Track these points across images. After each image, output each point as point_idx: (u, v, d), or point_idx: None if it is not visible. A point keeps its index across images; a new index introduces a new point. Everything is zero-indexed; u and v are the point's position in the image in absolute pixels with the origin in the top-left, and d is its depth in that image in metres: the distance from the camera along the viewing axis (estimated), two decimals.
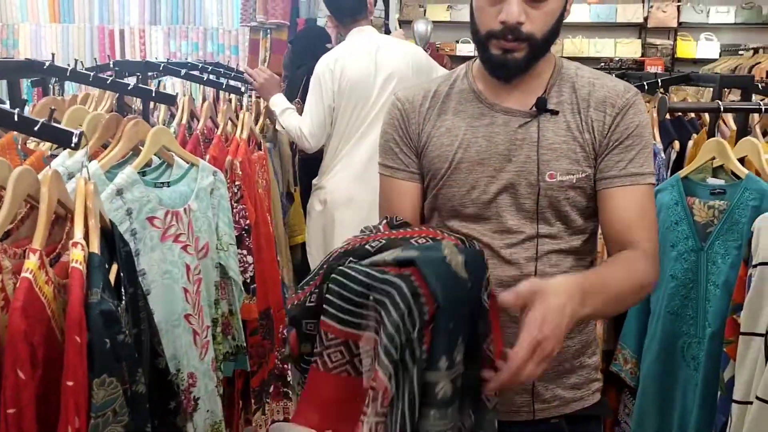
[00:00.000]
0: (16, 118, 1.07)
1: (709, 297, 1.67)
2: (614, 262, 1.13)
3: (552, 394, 1.20)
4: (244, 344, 1.99)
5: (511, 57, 1.13)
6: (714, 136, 1.92)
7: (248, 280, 2.13)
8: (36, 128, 1.08)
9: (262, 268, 2.28)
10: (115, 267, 1.22)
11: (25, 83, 5.62)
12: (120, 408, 0.97)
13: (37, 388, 0.97)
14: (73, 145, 1.07)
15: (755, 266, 1.40)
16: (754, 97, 2.18)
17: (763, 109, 1.71)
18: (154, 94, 1.72)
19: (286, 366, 2.48)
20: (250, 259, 2.16)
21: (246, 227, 2.14)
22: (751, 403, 1.38)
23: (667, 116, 2.46)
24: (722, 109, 1.74)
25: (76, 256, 1.01)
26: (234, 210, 2.11)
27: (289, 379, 2.48)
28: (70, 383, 0.93)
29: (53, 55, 2.56)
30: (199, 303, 1.72)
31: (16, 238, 1.15)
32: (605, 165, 1.15)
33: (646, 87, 2.36)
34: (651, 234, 1.14)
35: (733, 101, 2.27)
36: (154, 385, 1.35)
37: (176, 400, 1.40)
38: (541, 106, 1.16)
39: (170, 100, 1.79)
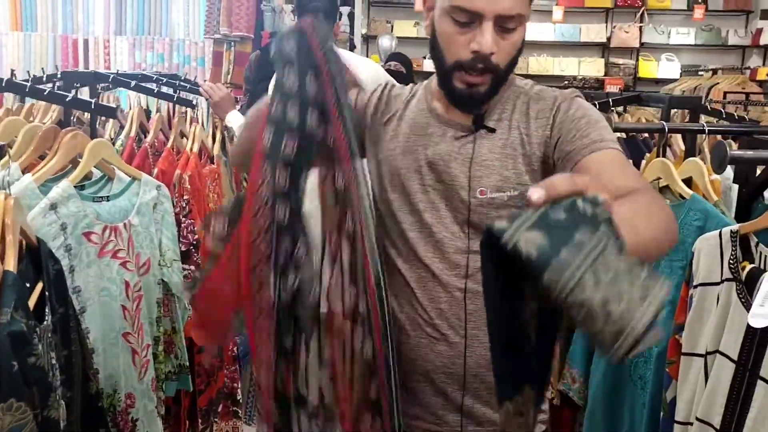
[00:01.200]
0: None
1: None
2: (629, 198, 0.93)
3: (485, 417, 1.18)
4: (187, 363, 1.94)
5: (475, 90, 1.12)
6: (663, 156, 1.93)
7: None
8: None
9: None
10: (39, 286, 1.18)
11: None
12: None
13: None
14: None
15: (695, 287, 1.40)
16: (702, 118, 2.20)
17: (707, 131, 1.72)
18: (93, 107, 1.68)
19: (235, 385, 2.43)
20: (198, 274, 2.12)
21: (194, 242, 2.10)
22: (691, 423, 1.37)
23: (622, 136, 2.49)
24: (667, 130, 1.75)
25: None
26: (182, 225, 2.06)
27: (238, 397, 2.43)
28: None
29: (12, 70, 2.49)
30: (138, 321, 1.67)
31: None
32: (562, 149, 1.10)
33: (597, 106, 2.37)
34: (646, 182, 1.08)
35: (683, 123, 2.29)
36: (85, 411, 1.31)
37: (106, 427, 1.36)
38: (478, 123, 1.15)
39: (110, 112, 1.75)
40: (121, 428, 1.59)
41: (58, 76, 1.95)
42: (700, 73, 5.92)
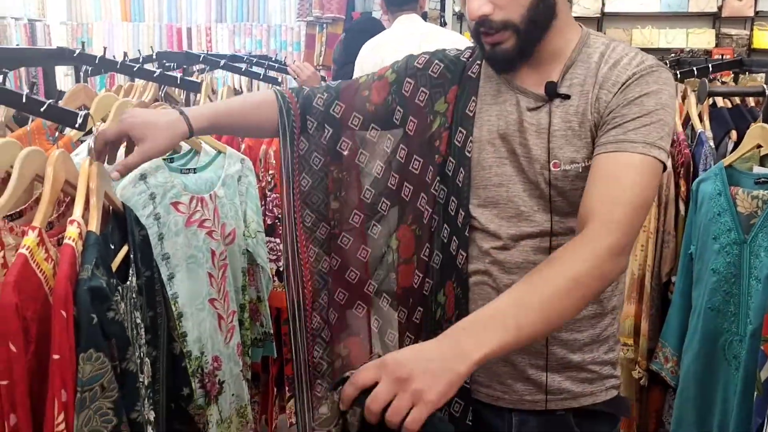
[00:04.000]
0: (24, 99, 1.11)
1: (751, 292, 1.57)
2: (531, 274, 0.96)
3: (558, 387, 1.14)
4: (272, 331, 2.00)
5: (499, 49, 1.08)
6: (766, 123, 1.80)
7: (281, 269, 2.14)
8: (42, 109, 1.11)
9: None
10: (125, 249, 1.25)
11: (100, 78, 5.87)
12: (108, 383, 0.98)
13: (32, 363, 0.99)
14: (77, 125, 1.10)
15: None
16: None
17: None
18: (179, 81, 1.76)
19: None
20: (282, 247, 2.18)
21: (279, 216, 2.16)
22: None
23: (727, 104, 2.34)
24: (767, 93, 1.62)
25: (70, 233, 1.03)
26: (267, 199, 2.13)
27: None
28: (56, 357, 0.95)
29: (125, 53, 2.63)
30: (224, 288, 1.73)
31: (29, 218, 1.18)
32: (599, 137, 1.05)
33: (696, 73, 2.24)
34: (617, 210, 0.97)
35: None
36: (170, 370, 1.38)
37: (190, 386, 1.42)
38: (551, 92, 1.10)
39: (194, 86, 1.82)
40: (209, 389, 1.66)
41: (153, 57, 2.05)
42: None
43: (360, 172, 1.32)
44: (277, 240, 2.15)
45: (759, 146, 1.61)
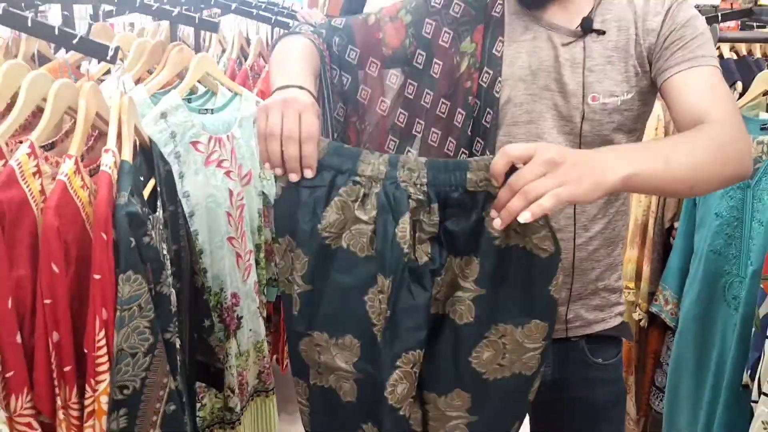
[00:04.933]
0: (56, 32, 1.13)
1: (753, 235, 1.62)
2: (683, 133, 1.02)
3: (575, 315, 1.20)
4: None
5: None
6: None
7: None
8: (74, 41, 1.13)
9: None
10: (152, 182, 1.29)
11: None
12: (145, 304, 1.03)
13: (72, 284, 1.05)
14: (108, 58, 1.13)
15: None
16: None
17: None
18: (197, 21, 1.77)
19: None
20: None
21: None
22: None
23: (733, 56, 2.36)
24: None
25: (106, 161, 1.07)
26: None
27: None
28: (97, 277, 1.01)
29: None
30: (241, 227, 1.78)
31: (61, 150, 1.22)
32: (662, 62, 1.10)
33: (706, 21, 2.24)
34: (728, 106, 1.05)
35: None
36: (192, 302, 1.43)
37: (210, 319, 1.48)
38: (587, 27, 1.12)
39: (212, 27, 1.84)
40: (228, 323, 1.73)
41: (165, 1, 2.06)
42: None
43: (382, 121, 1.29)
44: None
45: (766, 93, 1.64)
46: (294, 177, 0.97)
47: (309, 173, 0.97)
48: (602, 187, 0.86)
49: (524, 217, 0.83)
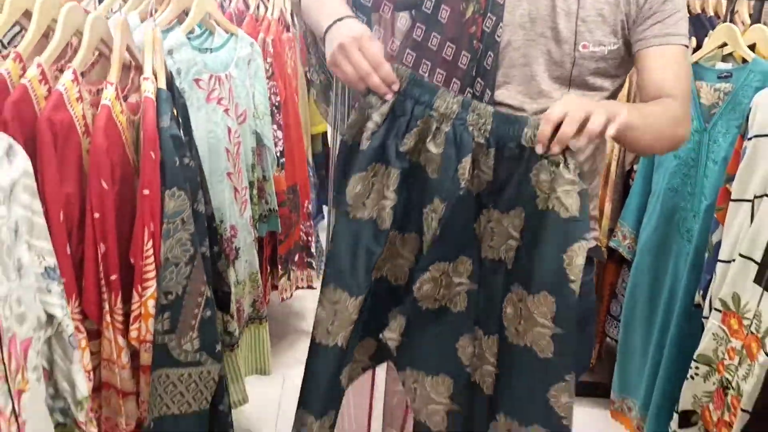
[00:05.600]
0: None
1: (707, 174, 1.81)
2: (651, 103, 1.21)
3: None
4: (276, 208, 2.16)
5: None
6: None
7: (278, 155, 2.28)
8: None
9: (290, 146, 2.43)
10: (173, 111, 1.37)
11: None
12: (187, 219, 1.14)
13: (116, 201, 1.14)
14: None
15: (750, 138, 1.52)
16: None
17: None
18: None
19: (310, 238, 2.68)
20: (279, 134, 2.31)
21: (276, 104, 2.28)
22: (734, 260, 1.54)
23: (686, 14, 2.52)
24: None
25: (147, 88, 1.16)
26: (267, 86, 2.23)
27: (312, 250, 2.68)
28: (146, 192, 1.10)
29: None
30: (239, 164, 1.87)
31: (88, 80, 1.29)
32: (640, 29, 1.23)
33: None
34: (686, 86, 1.23)
35: None
36: (202, 230, 1.53)
37: (219, 246, 1.58)
38: None
39: None
40: (227, 254, 1.83)
41: None
42: None
43: (391, 61, 1.40)
44: (275, 126, 2.28)
45: (724, 45, 1.81)
46: (389, 96, 1.09)
47: (395, 87, 1.10)
48: (623, 123, 1.03)
49: (577, 144, 1.01)
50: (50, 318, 0.98)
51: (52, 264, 0.96)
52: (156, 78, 1.21)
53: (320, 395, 1.12)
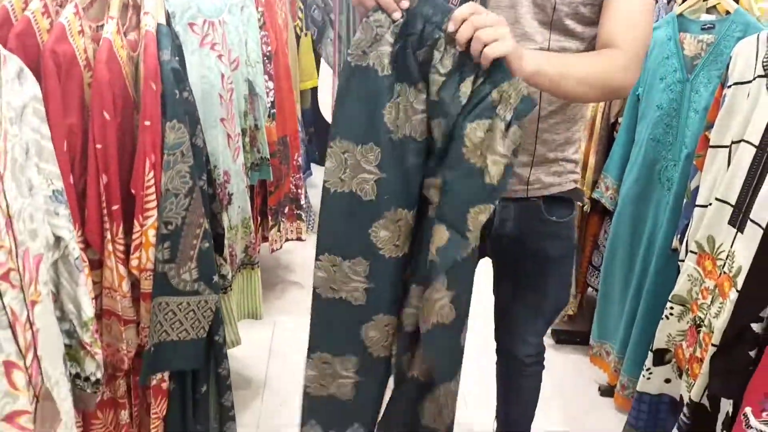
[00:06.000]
0: None
1: (689, 123, 1.87)
2: (586, 53, 1.26)
3: (535, 178, 1.41)
4: (268, 156, 2.19)
5: None
6: None
7: (269, 105, 2.31)
8: None
9: (281, 97, 2.46)
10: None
11: None
12: (186, 151, 1.18)
13: (117, 133, 1.17)
14: None
15: (729, 86, 1.58)
16: None
17: None
18: None
19: (299, 191, 2.72)
20: (270, 84, 2.33)
21: (267, 54, 2.30)
22: (710, 204, 1.60)
23: None
24: None
25: (148, 22, 1.18)
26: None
27: (302, 202, 2.72)
28: (147, 123, 1.14)
29: None
30: (231, 110, 1.90)
31: (87, 16, 1.31)
32: None
33: None
34: (638, 35, 1.26)
35: None
36: (200, 163, 1.57)
37: (213, 187, 1.62)
38: None
39: None
40: (221, 198, 1.87)
41: None
42: None
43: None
44: (266, 77, 2.30)
45: None
46: (397, 14, 1.09)
47: (405, 4, 1.09)
48: (520, 68, 1.07)
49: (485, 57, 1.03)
50: (57, 240, 1.02)
51: (59, 188, 1.00)
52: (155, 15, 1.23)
53: (335, 339, 1.22)
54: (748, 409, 1.19)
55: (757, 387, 1.18)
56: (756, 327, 1.27)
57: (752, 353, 1.27)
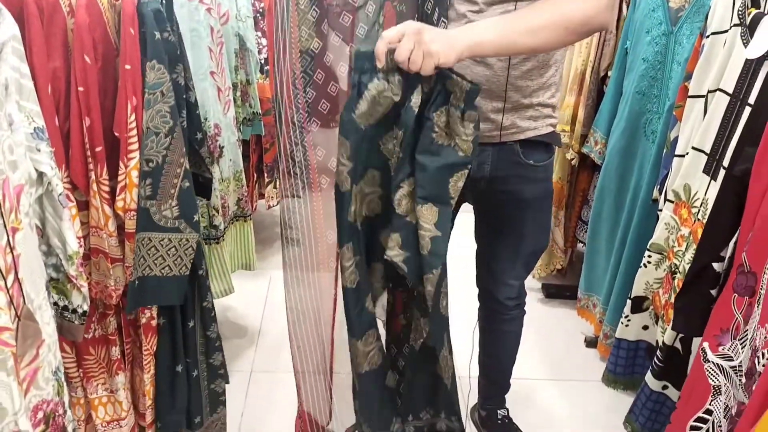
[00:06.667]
0: None
1: (672, 75, 1.88)
2: (537, 4, 1.24)
3: (510, 123, 1.45)
4: (260, 111, 2.23)
5: None
6: None
7: (262, 61, 2.34)
8: None
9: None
10: None
11: None
12: (167, 91, 1.22)
13: (98, 77, 1.22)
14: None
15: (707, 36, 1.59)
16: None
17: None
18: None
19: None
20: (264, 41, 2.36)
21: (261, 10, 2.33)
22: (687, 153, 1.63)
23: None
24: None
25: None
26: None
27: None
28: (128, 67, 1.18)
29: None
30: (221, 64, 1.94)
31: None
32: None
33: None
34: None
35: None
36: (187, 116, 1.61)
37: (202, 132, 1.66)
38: None
39: None
40: (212, 150, 1.92)
41: None
42: None
43: None
44: (259, 33, 2.33)
45: None
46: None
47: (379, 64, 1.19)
48: (453, 54, 1.13)
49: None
50: (40, 177, 1.07)
51: (41, 125, 1.05)
52: None
53: (353, 322, 1.36)
54: (705, 344, 1.23)
55: (714, 323, 1.22)
56: (717, 266, 1.31)
57: (713, 292, 1.31)
